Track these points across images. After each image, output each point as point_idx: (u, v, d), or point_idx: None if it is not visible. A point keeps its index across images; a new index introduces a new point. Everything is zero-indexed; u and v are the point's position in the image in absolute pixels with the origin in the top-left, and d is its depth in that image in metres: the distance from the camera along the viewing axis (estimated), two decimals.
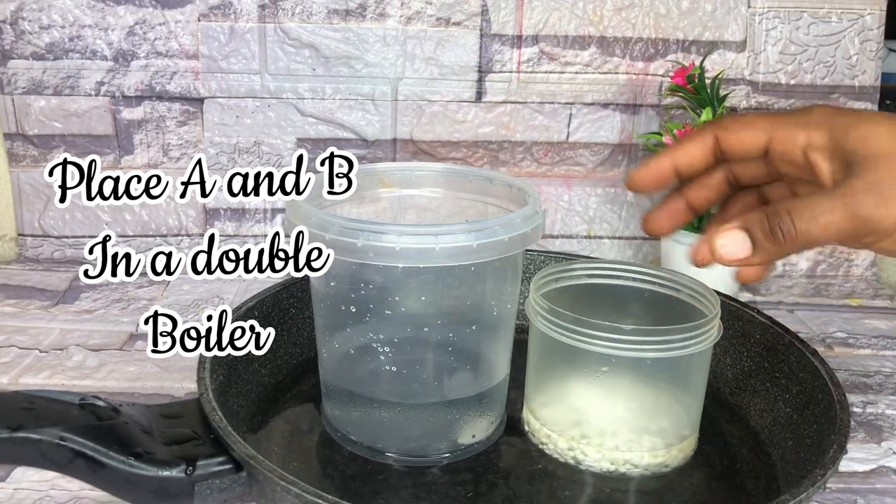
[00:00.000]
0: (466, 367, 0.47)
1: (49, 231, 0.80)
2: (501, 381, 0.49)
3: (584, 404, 0.47)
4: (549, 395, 0.48)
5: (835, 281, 0.83)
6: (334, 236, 0.40)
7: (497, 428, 0.49)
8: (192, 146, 0.80)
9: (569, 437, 0.46)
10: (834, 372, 0.47)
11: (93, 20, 0.76)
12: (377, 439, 0.46)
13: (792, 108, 0.44)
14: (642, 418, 0.46)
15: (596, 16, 0.80)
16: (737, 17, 0.82)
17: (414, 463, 0.46)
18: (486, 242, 0.40)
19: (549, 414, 0.48)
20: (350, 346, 0.47)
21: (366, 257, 0.40)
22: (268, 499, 0.38)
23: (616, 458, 0.45)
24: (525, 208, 0.43)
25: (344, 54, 0.79)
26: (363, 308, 0.45)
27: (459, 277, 0.45)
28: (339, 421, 0.48)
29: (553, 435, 0.47)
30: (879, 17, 0.82)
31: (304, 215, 0.42)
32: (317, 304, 0.48)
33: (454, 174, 0.52)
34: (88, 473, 0.37)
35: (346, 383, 0.47)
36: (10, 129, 0.78)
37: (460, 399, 0.46)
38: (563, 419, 0.47)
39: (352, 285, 0.45)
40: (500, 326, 0.48)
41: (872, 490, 0.50)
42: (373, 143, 0.81)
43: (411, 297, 0.45)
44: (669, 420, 0.47)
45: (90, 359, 0.61)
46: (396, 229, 0.40)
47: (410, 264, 0.41)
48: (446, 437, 0.46)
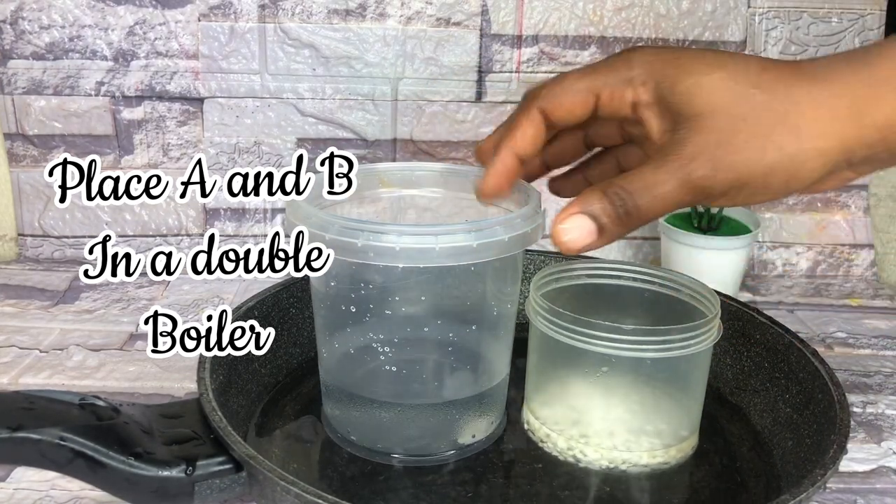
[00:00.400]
0: (466, 367, 0.47)
1: (49, 231, 0.80)
2: (501, 380, 0.49)
3: (584, 404, 0.47)
4: (549, 395, 0.48)
5: (835, 281, 0.83)
6: (334, 236, 0.40)
7: (497, 428, 0.49)
8: (192, 146, 0.80)
9: (568, 436, 0.46)
10: (834, 372, 0.47)
11: (93, 20, 0.76)
12: (377, 440, 0.46)
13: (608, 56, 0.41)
14: (641, 419, 0.46)
15: (596, 16, 0.80)
16: (737, 17, 0.82)
17: (414, 463, 0.46)
18: (487, 242, 0.40)
19: (548, 413, 0.48)
20: (350, 346, 0.47)
21: (366, 257, 0.40)
22: (268, 499, 0.38)
23: (615, 457, 0.46)
24: (525, 208, 0.43)
25: (344, 54, 0.79)
26: (363, 308, 0.45)
27: (459, 277, 0.45)
28: (339, 421, 0.48)
29: (552, 434, 0.47)
30: (879, 17, 0.82)
31: (304, 215, 0.42)
32: (317, 304, 0.48)
33: (454, 174, 0.52)
34: (88, 473, 0.37)
35: (346, 384, 0.47)
36: (10, 129, 0.78)
37: (460, 399, 0.46)
38: (562, 418, 0.47)
39: (352, 285, 0.45)
40: (500, 326, 0.48)
41: (872, 490, 0.50)
42: (373, 143, 0.81)
43: (411, 297, 0.45)
44: (668, 421, 0.47)
45: (90, 359, 0.61)
46: (396, 229, 0.40)
47: (410, 264, 0.41)
48: (446, 438, 0.46)
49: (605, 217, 0.36)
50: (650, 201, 0.36)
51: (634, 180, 0.36)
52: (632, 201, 0.36)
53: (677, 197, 0.36)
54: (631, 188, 0.36)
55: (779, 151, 0.35)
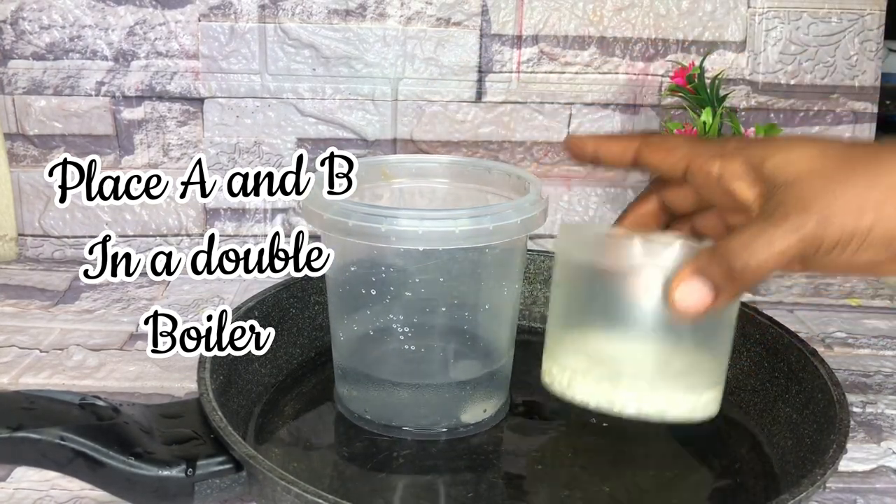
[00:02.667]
0: (480, 346, 0.49)
1: (49, 231, 0.80)
2: (507, 359, 0.50)
3: (610, 349, 0.46)
4: (574, 342, 0.47)
5: (835, 281, 0.83)
6: (357, 222, 0.42)
7: (503, 405, 0.50)
8: (193, 146, 0.80)
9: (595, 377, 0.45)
10: (834, 372, 0.47)
11: (93, 20, 0.76)
12: (392, 417, 0.48)
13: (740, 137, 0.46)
14: (665, 368, 0.45)
15: (596, 16, 0.80)
16: (737, 17, 0.82)
17: (425, 437, 0.47)
18: (501, 225, 0.43)
19: (573, 361, 0.46)
20: (369, 327, 0.48)
21: (388, 241, 0.42)
22: (268, 499, 0.38)
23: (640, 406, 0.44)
24: (529, 195, 0.46)
25: (344, 54, 0.79)
26: (384, 290, 0.47)
27: (474, 259, 0.47)
28: (355, 402, 0.49)
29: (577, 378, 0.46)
30: (879, 17, 0.82)
31: (323, 204, 0.44)
32: (333, 290, 0.49)
33: (454, 165, 0.53)
34: (88, 473, 0.37)
35: (363, 365, 0.48)
36: (11, 129, 0.78)
37: (474, 378, 0.48)
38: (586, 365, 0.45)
39: (372, 269, 0.46)
40: (509, 305, 0.49)
41: (872, 490, 0.50)
42: (373, 143, 0.81)
43: (430, 280, 0.47)
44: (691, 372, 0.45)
45: (90, 359, 0.61)
46: (418, 214, 0.42)
47: (433, 247, 0.43)
48: (455, 415, 0.48)
49: (720, 278, 0.37)
50: (765, 257, 0.36)
51: (745, 237, 0.37)
52: (747, 260, 0.36)
53: (791, 250, 0.36)
54: (745, 246, 0.37)
55: (878, 212, 0.36)
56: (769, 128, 0.71)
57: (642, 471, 0.46)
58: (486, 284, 0.48)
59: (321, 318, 0.56)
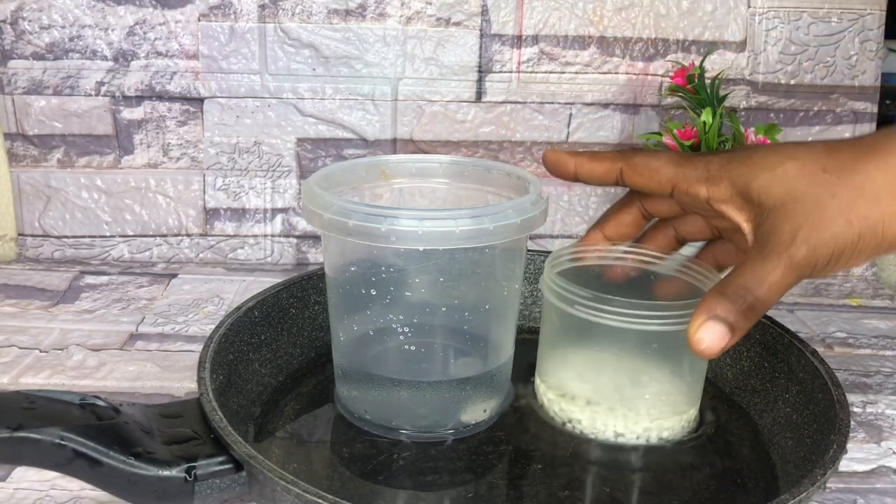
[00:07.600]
0: (480, 345, 0.49)
1: (49, 231, 0.80)
2: (508, 358, 0.50)
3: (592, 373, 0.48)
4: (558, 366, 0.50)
5: (835, 281, 0.83)
6: (358, 222, 0.42)
7: (503, 405, 0.50)
8: (193, 146, 0.80)
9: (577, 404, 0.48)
10: (834, 372, 0.47)
11: (93, 20, 0.76)
12: (392, 417, 0.48)
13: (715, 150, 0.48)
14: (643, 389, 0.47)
15: (596, 16, 0.80)
16: (737, 17, 0.82)
17: (426, 439, 0.47)
18: (502, 225, 0.43)
19: (556, 382, 0.49)
20: (369, 327, 0.48)
21: (389, 241, 0.42)
22: (268, 499, 0.38)
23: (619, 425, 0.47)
24: (529, 195, 0.46)
25: (344, 54, 0.79)
26: (383, 291, 0.47)
27: (474, 258, 0.47)
28: (355, 402, 0.49)
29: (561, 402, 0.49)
30: (879, 17, 0.82)
31: (324, 204, 0.43)
32: (333, 290, 0.49)
33: (454, 165, 0.53)
34: (88, 473, 0.37)
35: (364, 365, 0.48)
36: (10, 129, 0.78)
37: (474, 376, 0.48)
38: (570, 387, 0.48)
39: (372, 269, 0.46)
40: (509, 305, 0.49)
41: (872, 490, 0.50)
42: (373, 143, 0.81)
43: (430, 279, 0.47)
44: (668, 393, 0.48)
45: (90, 359, 0.61)
46: (418, 214, 0.42)
47: (433, 247, 0.43)
48: (455, 415, 0.48)
49: (733, 316, 0.39)
50: (767, 291, 0.39)
51: (747, 275, 0.39)
52: (751, 296, 0.39)
53: (788, 280, 0.39)
54: (747, 284, 0.39)
55: (864, 221, 0.38)
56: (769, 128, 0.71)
57: (642, 471, 0.46)
58: (486, 284, 0.48)
59: (321, 318, 0.56)
